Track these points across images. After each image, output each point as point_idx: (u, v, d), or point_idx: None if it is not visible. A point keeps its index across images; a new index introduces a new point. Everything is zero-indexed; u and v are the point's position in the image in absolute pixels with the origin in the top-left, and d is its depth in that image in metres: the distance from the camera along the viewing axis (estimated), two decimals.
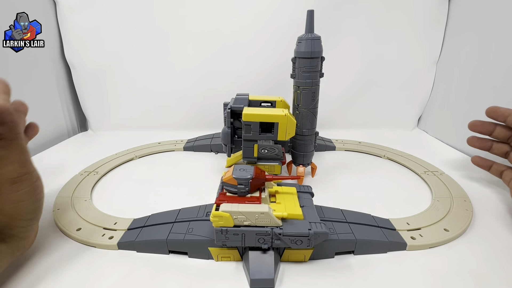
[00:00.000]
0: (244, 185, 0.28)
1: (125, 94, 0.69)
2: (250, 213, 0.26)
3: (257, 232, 0.26)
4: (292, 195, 0.31)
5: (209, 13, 0.63)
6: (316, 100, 0.41)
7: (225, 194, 0.29)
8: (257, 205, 0.27)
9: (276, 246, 0.27)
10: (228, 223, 0.26)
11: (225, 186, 0.29)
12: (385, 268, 0.28)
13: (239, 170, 0.29)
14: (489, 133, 0.40)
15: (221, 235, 0.26)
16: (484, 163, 0.42)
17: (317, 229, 0.27)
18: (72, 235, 0.32)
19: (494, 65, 0.51)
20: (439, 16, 0.63)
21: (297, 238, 0.26)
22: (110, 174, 0.48)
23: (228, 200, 0.28)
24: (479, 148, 0.41)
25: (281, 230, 0.26)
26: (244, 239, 0.26)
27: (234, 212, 0.26)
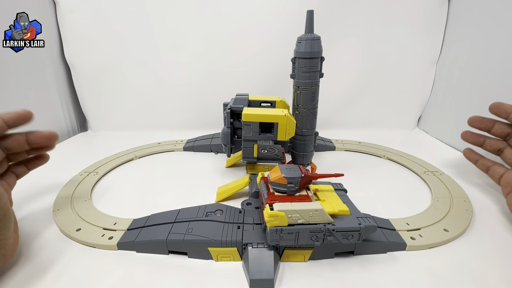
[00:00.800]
0: (294, 184, 0.28)
1: (125, 94, 0.69)
2: (305, 211, 0.26)
3: (311, 229, 0.26)
4: (331, 192, 0.32)
5: (209, 13, 0.63)
6: (316, 100, 0.41)
7: (274, 194, 0.29)
8: (309, 203, 0.27)
9: (328, 242, 0.27)
10: (283, 222, 0.26)
11: (273, 185, 0.29)
12: (385, 268, 0.28)
13: (286, 170, 0.29)
14: (487, 129, 0.40)
15: (276, 235, 0.26)
16: (473, 156, 0.42)
17: (366, 223, 0.27)
18: (71, 235, 0.32)
19: (494, 65, 0.51)
20: (439, 16, 0.63)
21: (348, 233, 0.27)
22: (110, 174, 0.48)
23: (278, 200, 0.28)
24: (472, 143, 0.42)
25: (334, 226, 0.26)
26: (298, 237, 0.26)
27: (289, 211, 0.26)
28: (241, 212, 0.33)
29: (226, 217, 0.32)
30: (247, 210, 0.34)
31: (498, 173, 0.38)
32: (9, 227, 0.25)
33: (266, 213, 0.26)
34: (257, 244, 0.28)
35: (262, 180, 0.32)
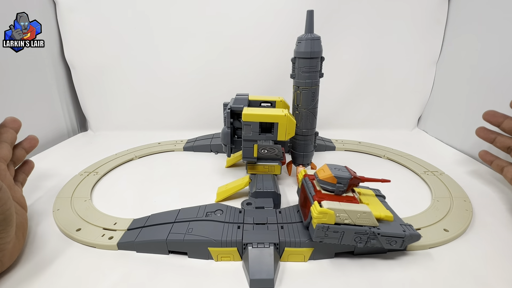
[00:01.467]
0: (343, 184, 0.28)
1: (125, 94, 0.69)
2: (353, 212, 0.26)
3: (356, 230, 0.26)
4: (373, 197, 0.32)
5: (209, 13, 0.63)
6: (316, 100, 0.41)
7: (321, 192, 0.29)
8: (357, 205, 0.27)
9: (371, 245, 0.27)
10: (330, 220, 0.26)
11: (321, 184, 0.29)
12: (385, 268, 0.28)
13: (335, 169, 0.29)
14: (498, 124, 0.39)
15: (321, 232, 0.26)
16: (488, 157, 0.42)
17: (410, 231, 0.27)
18: (72, 235, 0.32)
19: (494, 65, 0.51)
20: (439, 16, 0.63)
21: (392, 239, 0.27)
22: (110, 174, 0.48)
23: (327, 198, 0.28)
24: (484, 138, 0.41)
25: (379, 230, 0.27)
26: (342, 237, 0.27)
27: (338, 210, 0.26)
28: (241, 212, 0.33)
29: (226, 217, 0.32)
30: (247, 210, 0.34)
31: (510, 173, 0.37)
32: (8, 231, 0.25)
33: (315, 209, 0.26)
34: (257, 244, 0.28)
35: (306, 177, 0.32)
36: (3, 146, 0.31)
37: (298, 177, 0.34)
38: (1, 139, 0.31)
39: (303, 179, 0.32)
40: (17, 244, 0.28)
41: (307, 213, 0.29)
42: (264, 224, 0.31)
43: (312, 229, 0.27)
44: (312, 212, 0.26)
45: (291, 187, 0.44)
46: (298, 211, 0.33)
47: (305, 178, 0.32)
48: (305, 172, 0.33)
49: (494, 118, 0.40)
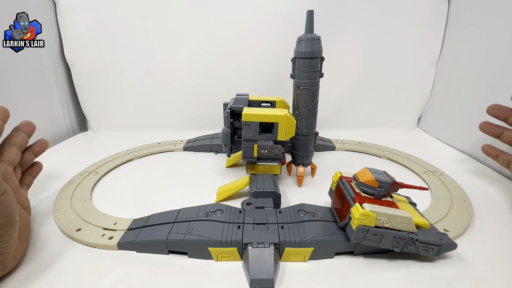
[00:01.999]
0: (384, 188, 0.28)
1: (125, 94, 0.69)
2: (393, 216, 0.26)
3: (395, 235, 0.27)
4: (407, 203, 0.32)
5: (209, 13, 0.63)
6: (316, 100, 0.41)
7: (361, 194, 0.29)
8: (398, 210, 0.27)
9: (407, 251, 0.27)
10: (371, 223, 0.26)
11: (362, 186, 0.29)
12: (385, 268, 0.28)
13: (376, 173, 0.29)
14: (504, 118, 0.39)
15: (361, 234, 0.26)
16: (493, 151, 0.41)
17: (447, 240, 0.28)
18: (72, 235, 0.32)
19: (494, 65, 0.51)
20: (439, 16, 0.63)
21: (429, 246, 0.27)
22: (110, 174, 0.48)
23: (367, 201, 0.28)
24: (489, 133, 0.41)
25: (417, 236, 0.27)
26: (380, 240, 0.27)
27: (380, 213, 0.26)
28: (241, 212, 0.33)
29: (226, 217, 0.32)
30: (247, 210, 0.34)
31: None
32: (11, 234, 0.25)
33: (357, 211, 0.26)
34: (257, 244, 0.28)
35: (342, 179, 0.32)
36: (12, 149, 0.31)
37: (333, 178, 0.34)
38: (12, 142, 0.32)
39: (339, 180, 0.32)
40: (20, 247, 0.28)
41: (344, 214, 0.29)
42: (264, 224, 0.31)
43: (351, 230, 0.27)
44: (353, 214, 0.27)
45: (291, 187, 0.44)
46: (299, 211, 0.33)
47: (342, 180, 0.32)
48: (341, 174, 0.33)
49: (500, 112, 0.39)
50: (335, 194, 0.33)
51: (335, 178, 0.34)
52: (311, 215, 0.32)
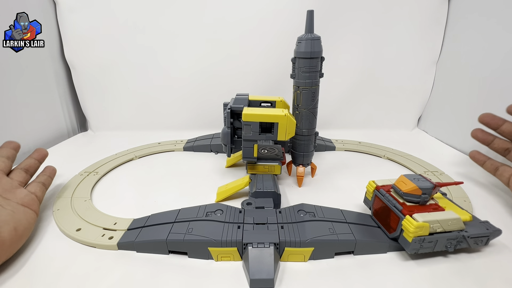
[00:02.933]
0: (427, 194, 0.29)
1: (125, 94, 0.69)
2: (444, 221, 0.27)
3: (448, 237, 0.27)
4: (443, 198, 0.32)
5: (209, 13, 0.63)
6: (316, 100, 0.41)
7: (406, 204, 0.29)
8: (445, 212, 0.28)
9: (459, 247, 0.28)
10: (425, 232, 0.27)
11: (406, 196, 0.29)
12: (385, 268, 0.28)
13: (415, 180, 0.30)
14: (496, 126, 0.39)
15: (417, 245, 0.27)
16: (480, 157, 0.42)
17: (492, 228, 0.29)
18: (72, 235, 0.32)
19: (494, 65, 0.51)
20: (439, 16, 0.63)
21: (479, 239, 0.28)
22: (110, 174, 0.48)
23: (416, 210, 0.28)
24: (481, 140, 0.41)
25: (467, 232, 0.28)
26: (435, 245, 0.28)
27: (432, 221, 0.27)
28: (241, 212, 0.33)
29: (226, 217, 0.32)
30: (247, 210, 0.34)
31: (507, 173, 0.37)
32: None
33: (411, 224, 0.26)
34: (257, 244, 0.28)
35: (380, 189, 0.32)
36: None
37: (368, 188, 0.34)
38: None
39: (377, 191, 0.32)
40: (15, 238, 0.28)
41: (392, 225, 0.29)
42: (264, 224, 0.31)
43: (406, 242, 0.27)
44: (406, 227, 0.27)
45: (291, 187, 0.44)
46: (299, 211, 0.33)
47: (380, 190, 0.32)
48: (375, 184, 0.33)
49: (493, 121, 0.39)
50: (375, 205, 0.33)
51: (370, 188, 0.34)
52: (311, 215, 0.32)
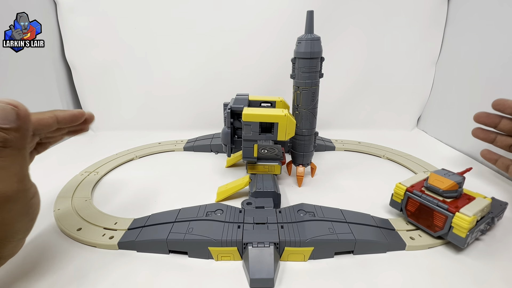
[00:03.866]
0: (461, 187, 0.31)
1: (126, 94, 0.69)
2: (483, 208, 0.29)
3: (486, 222, 0.30)
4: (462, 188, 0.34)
5: (209, 13, 0.63)
6: (316, 100, 0.41)
7: (447, 201, 0.30)
8: (480, 200, 0.30)
9: (488, 229, 0.32)
10: (474, 224, 0.28)
11: (446, 193, 0.30)
12: (385, 268, 0.28)
13: (447, 175, 0.31)
14: (494, 125, 0.39)
15: (468, 237, 0.28)
16: (491, 156, 0.41)
17: (502, 203, 0.34)
18: (72, 235, 0.32)
19: (494, 65, 0.51)
20: (438, 16, 0.63)
21: (499, 216, 0.33)
22: (110, 174, 0.48)
23: (460, 205, 0.29)
24: (483, 139, 0.41)
25: (493, 213, 0.31)
26: (476, 232, 0.30)
27: (476, 212, 0.28)
28: (241, 212, 0.33)
29: (226, 217, 0.32)
30: (247, 209, 0.34)
31: None
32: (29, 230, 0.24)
33: (464, 220, 0.28)
34: (257, 243, 0.28)
35: (413, 191, 0.32)
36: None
37: (396, 191, 0.34)
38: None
39: (410, 193, 0.33)
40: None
41: (437, 224, 0.30)
42: (264, 223, 0.31)
43: (458, 237, 0.28)
44: (459, 224, 0.28)
45: (291, 187, 0.44)
46: (299, 211, 0.33)
47: (414, 191, 0.32)
48: (404, 185, 0.34)
49: (488, 119, 0.40)
50: (409, 207, 0.33)
51: (399, 191, 0.34)
52: (311, 215, 0.32)
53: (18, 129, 0.21)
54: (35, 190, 0.23)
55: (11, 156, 0.20)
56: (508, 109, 0.37)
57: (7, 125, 0.20)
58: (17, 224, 0.22)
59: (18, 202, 0.21)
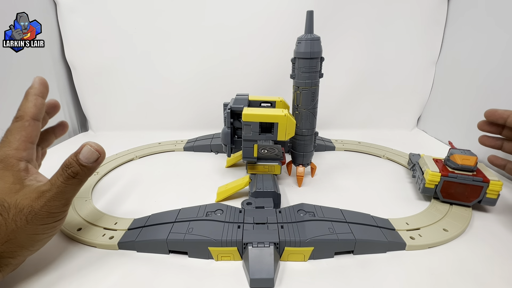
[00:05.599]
0: None
1: (126, 94, 0.69)
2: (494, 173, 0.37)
3: None
4: None
5: (209, 13, 0.63)
6: (316, 100, 0.41)
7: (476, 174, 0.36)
8: (483, 167, 0.38)
9: None
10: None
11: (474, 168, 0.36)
12: (385, 268, 0.28)
13: (463, 153, 0.37)
14: (498, 131, 0.39)
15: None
16: (499, 162, 0.41)
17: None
18: (72, 235, 0.32)
19: (494, 65, 0.51)
20: (438, 16, 0.63)
21: None
22: (110, 174, 0.48)
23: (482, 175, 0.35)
24: (490, 146, 0.41)
25: None
26: None
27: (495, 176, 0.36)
28: (241, 212, 0.33)
29: (226, 217, 0.32)
30: (247, 209, 0.34)
31: None
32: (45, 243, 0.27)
33: (497, 185, 0.34)
34: (257, 243, 0.28)
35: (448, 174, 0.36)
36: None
37: (431, 178, 0.36)
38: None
39: (445, 177, 0.36)
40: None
41: (472, 195, 0.36)
42: (264, 223, 0.31)
43: (491, 200, 0.35)
44: (494, 189, 0.34)
45: (291, 187, 0.44)
46: (298, 211, 0.33)
47: (450, 174, 0.36)
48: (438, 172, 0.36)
49: (492, 128, 0.39)
50: (445, 189, 0.37)
51: (435, 178, 0.36)
52: (311, 215, 0.32)
53: (91, 168, 0.25)
54: (66, 215, 0.26)
55: (73, 185, 0.25)
56: (500, 119, 0.37)
57: (86, 163, 0.25)
58: (43, 235, 0.25)
59: (54, 218, 0.25)
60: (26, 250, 0.25)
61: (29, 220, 0.23)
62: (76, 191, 0.26)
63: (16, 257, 0.24)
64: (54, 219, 0.25)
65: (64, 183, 0.24)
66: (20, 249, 0.24)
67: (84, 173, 0.25)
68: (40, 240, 0.25)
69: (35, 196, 0.23)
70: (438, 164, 0.38)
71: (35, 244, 0.25)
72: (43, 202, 0.23)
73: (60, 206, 0.24)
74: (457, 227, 0.33)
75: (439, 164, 0.39)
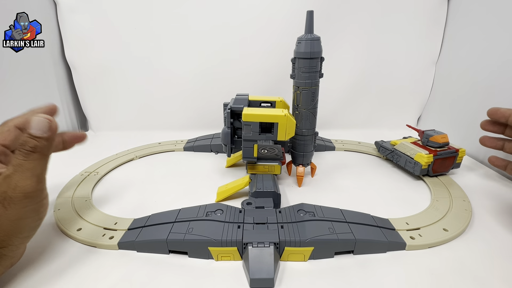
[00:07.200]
0: None
1: (126, 94, 0.69)
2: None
3: None
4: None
5: (209, 14, 0.63)
6: (316, 100, 0.41)
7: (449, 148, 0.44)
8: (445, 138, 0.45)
9: None
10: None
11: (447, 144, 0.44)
12: (385, 268, 0.28)
13: (435, 132, 0.44)
14: (500, 131, 0.39)
15: None
16: (500, 162, 0.41)
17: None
18: (72, 235, 0.32)
19: (494, 65, 0.51)
20: (438, 16, 0.63)
21: None
22: (110, 174, 0.48)
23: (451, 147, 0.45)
24: (491, 147, 0.41)
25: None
26: None
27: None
28: (241, 212, 0.33)
29: (226, 217, 0.32)
30: (247, 209, 0.34)
31: None
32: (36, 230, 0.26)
33: (463, 151, 0.45)
34: (257, 243, 0.28)
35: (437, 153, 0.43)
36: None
37: (426, 160, 0.42)
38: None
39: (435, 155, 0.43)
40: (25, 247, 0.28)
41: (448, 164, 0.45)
42: (264, 223, 0.31)
43: (458, 163, 0.45)
44: (462, 155, 0.45)
45: (291, 187, 0.44)
46: (298, 211, 0.33)
47: (438, 152, 0.43)
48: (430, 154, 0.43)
49: (494, 127, 0.39)
50: (434, 166, 0.43)
51: (429, 159, 0.43)
52: (311, 215, 0.32)
53: (48, 138, 0.24)
54: (47, 193, 0.26)
55: (37, 160, 0.24)
56: (502, 117, 0.37)
57: (40, 134, 0.24)
58: (28, 219, 0.25)
59: (33, 199, 0.24)
60: (15, 237, 0.24)
61: (6, 206, 0.23)
62: (44, 166, 0.25)
63: (7, 246, 0.24)
64: (34, 200, 0.24)
65: (26, 160, 0.23)
66: (8, 238, 0.24)
67: (42, 145, 0.24)
68: (26, 225, 0.25)
69: (2, 181, 0.23)
70: (420, 147, 0.45)
71: (23, 230, 0.25)
72: (14, 184, 0.23)
73: (33, 185, 0.24)
74: (457, 227, 0.33)
75: (421, 146, 0.45)
